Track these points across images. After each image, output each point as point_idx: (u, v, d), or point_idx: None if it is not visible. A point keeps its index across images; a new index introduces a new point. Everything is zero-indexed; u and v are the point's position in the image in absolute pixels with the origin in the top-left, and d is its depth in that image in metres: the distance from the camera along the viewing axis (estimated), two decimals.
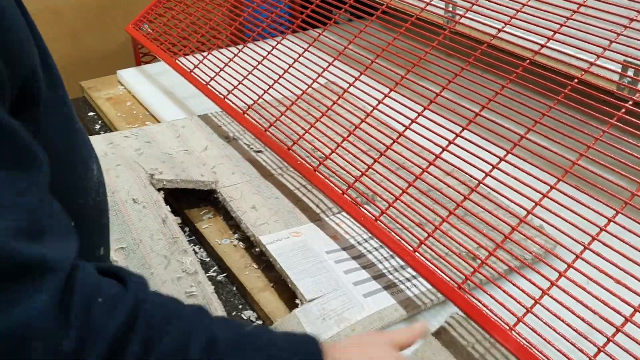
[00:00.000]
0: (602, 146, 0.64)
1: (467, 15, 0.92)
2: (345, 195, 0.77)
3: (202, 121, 1.08)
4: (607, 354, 0.53)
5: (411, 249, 0.69)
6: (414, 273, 0.74)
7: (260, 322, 0.76)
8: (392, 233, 0.71)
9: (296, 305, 0.73)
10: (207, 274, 0.83)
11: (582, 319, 0.56)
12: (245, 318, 0.77)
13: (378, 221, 0.73)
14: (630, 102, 0.66)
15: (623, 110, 0.65)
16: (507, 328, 0.58)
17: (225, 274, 0.83)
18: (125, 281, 0.44)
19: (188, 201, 0.93)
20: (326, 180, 0.81)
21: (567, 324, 0.56)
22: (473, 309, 0.61)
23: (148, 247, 0.80)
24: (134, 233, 0.81)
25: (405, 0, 1.03)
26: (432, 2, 0.94)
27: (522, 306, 0.59)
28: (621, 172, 0.62)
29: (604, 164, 0.63)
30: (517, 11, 0.82)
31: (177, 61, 1.14)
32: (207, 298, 0.77)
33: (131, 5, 1.46)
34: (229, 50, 1.08)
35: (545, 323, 0.57)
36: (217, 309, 0.75)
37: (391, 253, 0.78)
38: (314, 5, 1.04)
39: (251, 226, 0.83)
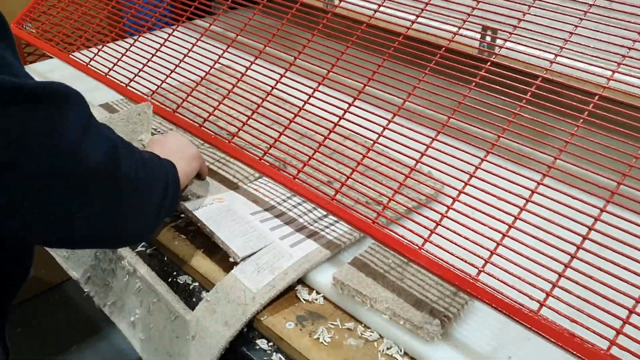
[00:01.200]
0: (470, 101, 0.78)
1: None
2: (262, 160, 0.86)
3: (105, 110, 1.10)
4: (498, 255, 0.66)
5: (329, 197, 0.78)
6: (331, 221, 0.84)
7: (196, 284, 0.82)
8: (311, 188, 0.81)
9: (229, 265, 0.80)
10: (136, 250, 0.88)
11: (475, 231, 0.69)
12: (181, 283, 0.83)
13: (296, 179, 0.82)
14: (489, 64, 0.81)
15: (489, 63, 0.79)
16: (417, 247, 0.70)
17: (154, 247, 0.88)
18: None
19: None
20: (242, 150, 0.88)
21: (464, 237, 0.68)
22: (387, 237, 0.72)
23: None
24: None
25: None
26: None
27: (427, 229, 0.71)
28: (489, 121, 0.76)
29: (474, 116, 0.77)
30: None
31: (70, 56, 1.15)
32: (150, 287, 0.82)
33: (5, 3, 1.41)
34: (125, 42, 1.11)
35: (447, 239, 0.69)
36: (161, 289, 0.81)
37: (309, 208, 0.87)
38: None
39: None
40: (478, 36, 0.95)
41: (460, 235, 0.69)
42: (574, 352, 0.57)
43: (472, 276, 0.66)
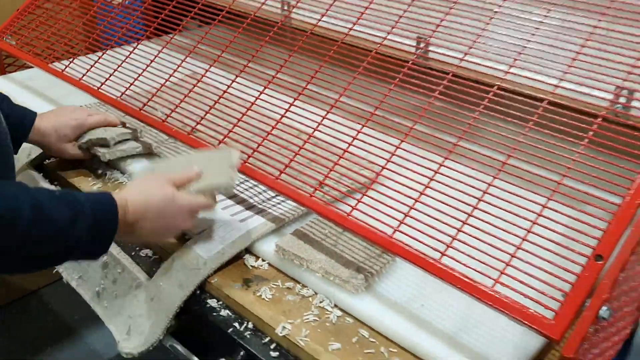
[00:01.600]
0: (395, 94, 0.91)
1: (295, 11, 1.16)
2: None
3: None
4: (411, 217, 0.78)
5: (274, 177, 0.90)
6: (278, 201, 0.96)
7: (156, 256, 0.93)
8: (259, 170, 0.92)
9: (186, 239, 0.91)
10: None
11: (394, 199, 0.80)
12: (143, 256, 0.94)
13: (247, 164, 0.94)
14: (410, 62, 0.94)
15: (410, 62, 0.92)
16: (345, 214, 0.81)
17: None
18: None
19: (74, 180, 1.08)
20: (200, 140, 1.00)
21: (385, 204, 0.80)
22: (321, 207, 0.84)
23: None
24: None
25: (243, 2, 1.25)
26: (266, 3, 1.17)
27: (355, 199, 0.83)
28: (408, 109, 0.89)
29: (399, 104, 0.90)
30: (330, 5, 1.08)
31: (49, 65, 1.26)
32: (115, 260, 0.92)
33: None
34: (102, 50, 1.23)
35: (371, 207, 0.81)
36: (125, 262, 0.91)
37: (259, 191, 0.99)
38: (163, 14, 1.22)
39: None
40: (407, 41, 1.08)
41: (381, 203, 0.81)
42: (465, 290, 0.69)
43: (389, 235, 0.77)
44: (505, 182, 0.76)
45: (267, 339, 0.79)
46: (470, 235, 0.73)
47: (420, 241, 0.75)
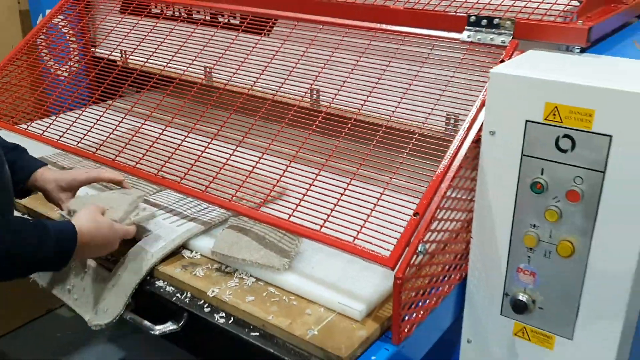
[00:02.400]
0: (290, 131, 1.27)
1: (214, 73, 1.52)
2: (157, 175, 1.29)
3: None
4: (302, 206, 1.12)
5: (201, 190, 1.23)
6: (208, 210, 1.28)
7: (114, 258, 1.22)
8: (189, 187, 1.25)
9: (136, 242, 1.21)
10: None
11: (286, 195, 1.15)
12: (104, 258, 1.22)
13: (180, 184, 1.26)
14: (296, 106, 1.31)
15: (296, 106, 1.30)
16: (256, 209, 1.15)
17: None
18: None
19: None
20: (143, 171, 1.31)
21: (285, 201, 1.14)
22: (237, 206, 1.17)
23: None
24: None
25: (171, 70, 1.59)
26: (189, 69, 1.53)
27: (264, 200, 1.17)
28: (298, 140, 1.25)
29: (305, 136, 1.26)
30: (238, 68, 1.45)
31: (15, 126, 1.55)
32: (82, 262, 1.21)
33: None
34: (56, 114, 1.54)
35: (276, 204, 1.15)
36: (90, 262, 1.20)
37: (192, 205, 1.31)
38: (106, 83, 1.55)
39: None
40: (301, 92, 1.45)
41: (282, 200, 1.15)
42: (334, 245, 1.03)
43: (284, 219, 1.11)
44: (358, 181, 1.12)
45: (201, 302, 1.10)
46: (339, 212, 1.08)
47: (307, 220, 1.09)
